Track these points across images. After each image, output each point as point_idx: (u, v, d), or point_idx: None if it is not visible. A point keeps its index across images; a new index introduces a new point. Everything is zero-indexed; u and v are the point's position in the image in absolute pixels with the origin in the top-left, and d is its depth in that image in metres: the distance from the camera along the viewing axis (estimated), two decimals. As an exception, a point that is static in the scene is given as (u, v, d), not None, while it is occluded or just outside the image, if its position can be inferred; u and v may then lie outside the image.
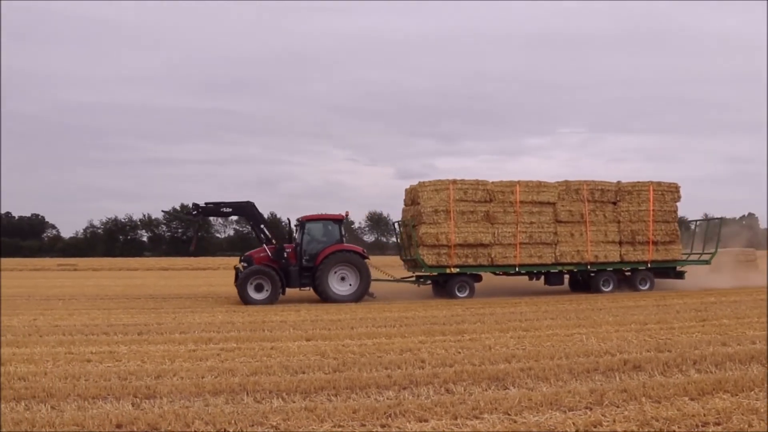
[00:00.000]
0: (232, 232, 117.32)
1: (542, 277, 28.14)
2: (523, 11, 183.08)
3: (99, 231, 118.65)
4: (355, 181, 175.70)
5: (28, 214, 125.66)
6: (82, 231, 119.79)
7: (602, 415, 8.30)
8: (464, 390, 9.76)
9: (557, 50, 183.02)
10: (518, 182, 27.25)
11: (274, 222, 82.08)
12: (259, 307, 22.53)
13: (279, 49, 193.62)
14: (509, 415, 8.43)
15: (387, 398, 9.35)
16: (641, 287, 28.11)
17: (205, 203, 25.92)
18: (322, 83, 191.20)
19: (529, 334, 15.27)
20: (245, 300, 24.30)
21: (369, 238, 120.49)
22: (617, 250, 27.99)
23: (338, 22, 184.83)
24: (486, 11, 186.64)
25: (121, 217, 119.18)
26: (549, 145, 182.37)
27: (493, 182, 27.22)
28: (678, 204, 28.90)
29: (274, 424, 8.11)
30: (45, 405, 9.08)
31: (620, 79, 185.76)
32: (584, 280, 28.49)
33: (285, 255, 25.19)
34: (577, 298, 24.67)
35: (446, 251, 26.38)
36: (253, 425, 8.08)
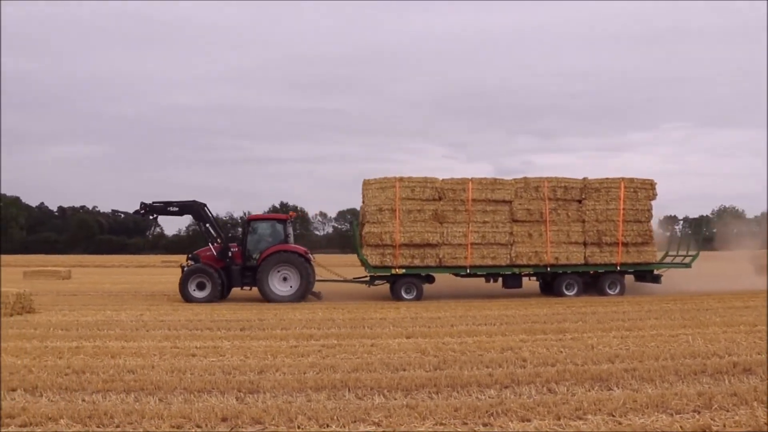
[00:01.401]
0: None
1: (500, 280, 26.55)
2: (627, 6, 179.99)
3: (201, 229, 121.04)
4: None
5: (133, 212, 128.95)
6: (184, 229, 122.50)
7: (711, 419, 8.06)
8: (567, 390, 9.61)
9: (662, 45, 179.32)
10: (471, 180, 25.93)
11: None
12: (359, 304, 22.64)
13: (377, 47, 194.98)
14: (614, 416, 8.26)
15: (488, 397, 9.27)
16: (610, 291, 26.03)
17: (153, 202, 26.03)
18: (420, 81, 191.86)
19: (633, 334, 14.94)
20: (186, 298, 24.38)
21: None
22: (581, 251, 26.05)
23: (436, 19, 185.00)
24: (587, 6, 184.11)
25: (222, 215, 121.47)
26: (652, 141, 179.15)
27: (443, 180, 26.07)
28: (653, 202, 26.67)
29: (376, 420, 8.13)
30: (153, 397, 9.31)
31: (728, 73, 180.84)
32: (547, 283, 27.06)
33: (230, 254, 25.21)
34: (682, 298, 23.97)
35: (391, 251, 25.41)
36: (355, 421, 8.11)
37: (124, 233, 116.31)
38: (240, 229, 25.47)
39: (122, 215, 32.13)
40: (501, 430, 7.81)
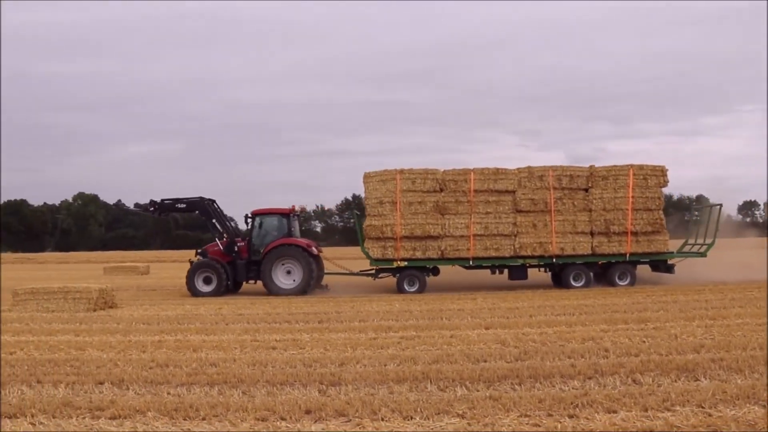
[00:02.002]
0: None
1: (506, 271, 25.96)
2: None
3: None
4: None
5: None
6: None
7: (807, 410, 7.82)
8: (652, 381, 9.42)
9: (735, 24, 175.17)
10: (473, 170, 25.36)
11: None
12: (436, 296, 22.53)
13: (448, 38, 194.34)
14: (703, 407, 8.06)
15: (572, 388, 9.14)
16: (620, 282, 25.03)
17: (162, 200, 26.92)
18: (490, 70, 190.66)
19: (717, 323, 14.59)
20: (192, 292, 24.83)
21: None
22: (588, 241, 25.15)
23: (506, 8, 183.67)
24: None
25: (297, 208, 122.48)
26: (728, 124, 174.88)
27: (444, 171, 25.60)
28: (664, 190, 25.62)
29: (460, 412, 8.07)
30: (236, 390, 9.39)
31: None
32: (556, 274, 26.21)
33: (236, 249, 25.63)
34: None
35: (392, 244, 25.15)
36: (438, 413, 8.06)
37: (199, 229, 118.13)
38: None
39: (127, 209, 32.93)
40: (587, 422, 7.69)
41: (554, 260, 25.15)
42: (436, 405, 8.32)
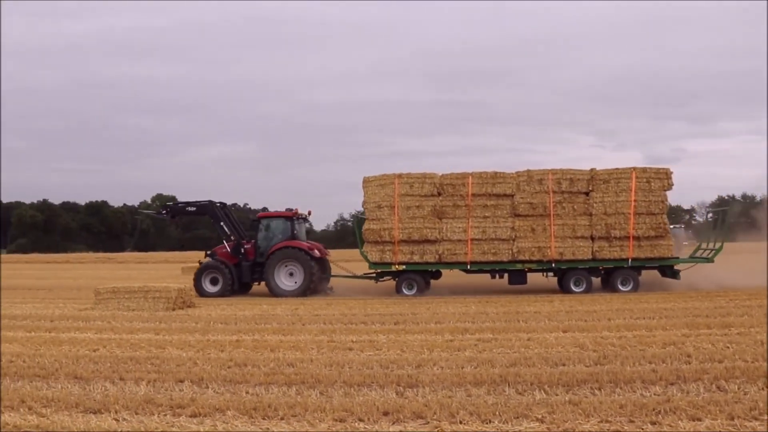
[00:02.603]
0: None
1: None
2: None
3: (349, 224, 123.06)
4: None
5: (282, 209, 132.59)
6: (332, 224, 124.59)
7: None
8: (738, 388, 9.16)
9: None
10: (471, 174, 25.21)
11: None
12: (512, 298, 22.32)
13: (521, 37, 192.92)
14: (793, 417, 7.82)
15: (654, 394, 8.95)
16: (622, 288, 24.41)
17: (174, 203, 28.92)
18: (565, 69, 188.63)
19: (805, 329, 14.16)
20: (199, 292, 25.34)
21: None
22: (588, 246, 24.61)
23: (580, 6, 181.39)
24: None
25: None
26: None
27: (442, 175, 25.49)
28: (668, 193, 24.75)
29: (539, 417, 7.96)
30: (314, 390, 9.43)
31: None
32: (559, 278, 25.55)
33: (242, 251, 26.48)
34: None
35: (390, 248, 25.23)
36: (517, 417, 7.98)
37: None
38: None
39: (143, 212, 34.74)
40: (670, 430, 7.52)
41: (553, 265, 24.80)
42: (514, 409, 8.23)
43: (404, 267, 25.20)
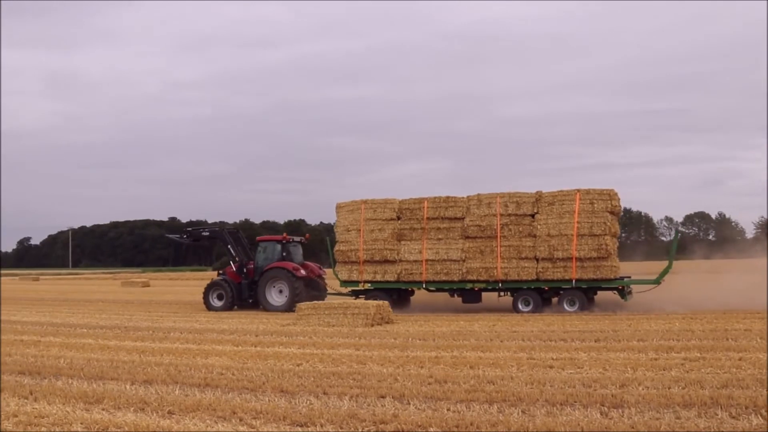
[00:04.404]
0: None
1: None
2: None
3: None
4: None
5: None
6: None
7: None
8: None
9: None
10: (426, 199, 26.75)
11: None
12: (718, 314, 21.20)
13: (720, 41, 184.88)
14: None
15: None
16: (567, 308, 24.41)
17: (192, 228, 33.31)
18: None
19: None
20: (207, 306, 28.68)
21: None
22: (533, 267, 25.02)
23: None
24: None
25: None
26: None
27: (401, 200, 27.28)
28: (608, 213, 24.56)
29: (757, 442, 7.53)
30: (516, 409, 9.31)
31: None
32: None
33: (244, 271, 29.38)
34: None
35: (357, 267, 27.35)
36: (733, 442, 7.57)
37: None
38: None
39: (168, 237, 39.34)
40: None
41: (500, 285, 25.58)
42: (729, 433, 7.82)
43: (369, 285, 27.30)
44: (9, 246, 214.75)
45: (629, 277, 26.34)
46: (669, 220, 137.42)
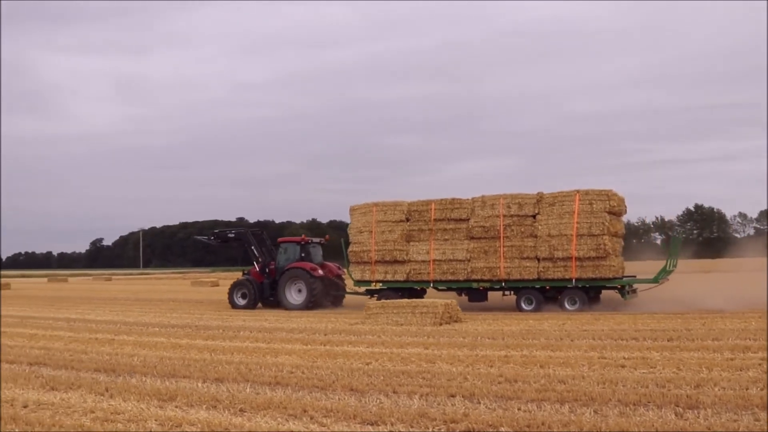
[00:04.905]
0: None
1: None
2: None
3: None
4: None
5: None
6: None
7: None
8: None
9: None
10: (434, 201, 27.62)
11: None
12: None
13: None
14: None
15: None
16: (568, 307, 24.90)
17: (219, 231, 34.69)
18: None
19: None
20: (232, 305, 30.07)
21: None
22: (534, 266, 25.72)
23: None
24: None
25: (634, 221, 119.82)
26: None
27: (410, 202, 28.18)
28: (607, 213, 25.03)
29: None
30: (588, 409, 9.17)
31: None
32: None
33: (267, 270, 30.61)
34: None
35: (369, 267, 28.35)
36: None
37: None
38: None
39: (195, 239, 42.20)
40: None
41: (503, 284, 26.32)
42: (811, 435, 7.60)
43: (381, 285, 28.25)
44: (82, 247, 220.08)
45: (634, 276, 27.01)
46: (743, 216, 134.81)
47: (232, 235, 33.68)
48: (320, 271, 29.34)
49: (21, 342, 18.27)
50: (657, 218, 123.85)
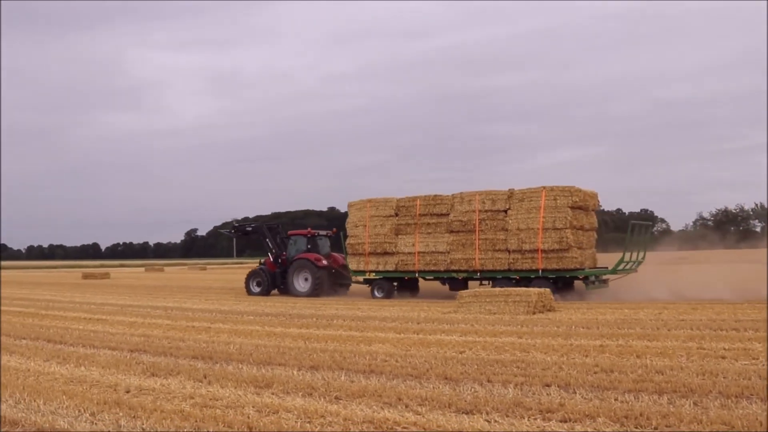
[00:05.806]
0: None
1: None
2: None
3: (709, 222, 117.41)
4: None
5: (638, 210, 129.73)
6: (691, 224, 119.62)
7: None
8: None
9: None
10: (419, 197, 29.82)
11: None
12: None
13: None
14: None
15: None
16: None
17: (239, 224, 38.33)
18: None
19: None
20: (248, 292, 33.28)
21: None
22: (506, 258, 27.61)
23: None
24: None
25: (731, 207, 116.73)
26: None
27: (398, 198, 30.50)
28: (569, 208, 26.52)
29: None
30: (687, 400, 8.98)
31: None
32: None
33: (279, 261, 33.57)
34: None
35: (363, 259, 30.91)
36: None
37: (622, 230, 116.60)
38: None
39: (219, 231, 44.33)
40: None
41: (478, 274, 28.35)
42: None
43: (375, 275, 30.62)
44: (177, 237, 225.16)
45: (606, 267, 28.15)
46: None
47: (250, 229, 37.07)
48: (324, 262, 32.24)
49: (122, 329, 18.82)
50: (756, 205, 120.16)
